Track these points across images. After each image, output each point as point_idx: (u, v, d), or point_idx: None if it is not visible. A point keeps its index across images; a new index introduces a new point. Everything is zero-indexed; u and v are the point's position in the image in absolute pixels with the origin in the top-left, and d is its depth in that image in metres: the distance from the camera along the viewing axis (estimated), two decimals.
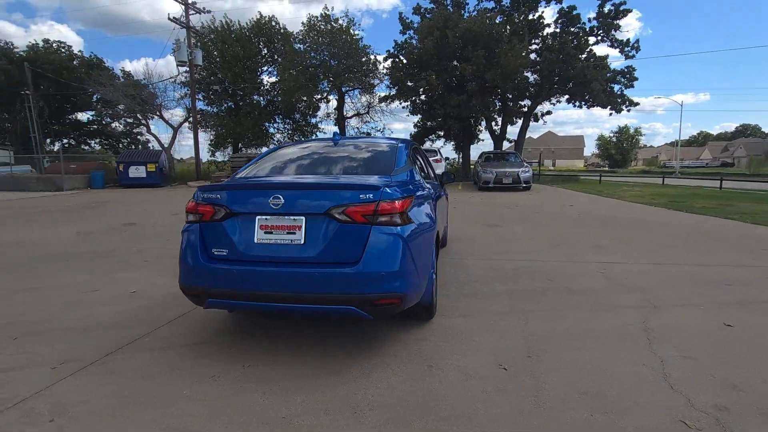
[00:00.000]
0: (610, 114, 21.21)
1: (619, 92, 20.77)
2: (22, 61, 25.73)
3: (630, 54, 20.59)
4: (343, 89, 24.50)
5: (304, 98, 24.25)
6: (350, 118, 26.00)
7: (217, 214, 2.53)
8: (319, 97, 25.06)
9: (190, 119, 24.71)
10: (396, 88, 20.97)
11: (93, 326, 3.16)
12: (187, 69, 23.25)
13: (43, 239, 6.78)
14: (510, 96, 20.11)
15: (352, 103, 26.02)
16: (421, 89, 19.49)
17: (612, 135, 70.12)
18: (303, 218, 2.43)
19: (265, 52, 27.41)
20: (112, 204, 12.73)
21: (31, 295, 3.95)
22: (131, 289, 4.06)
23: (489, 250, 5.66)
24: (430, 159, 15.39)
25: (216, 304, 2.55)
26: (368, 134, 25.20)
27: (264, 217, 2.47)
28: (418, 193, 2.93)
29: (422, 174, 3.95)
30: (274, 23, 26.53)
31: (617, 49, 20.88)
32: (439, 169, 15.34)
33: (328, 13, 23.04)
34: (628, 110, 21.04)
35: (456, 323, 3.14)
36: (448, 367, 2.47)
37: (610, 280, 4.20)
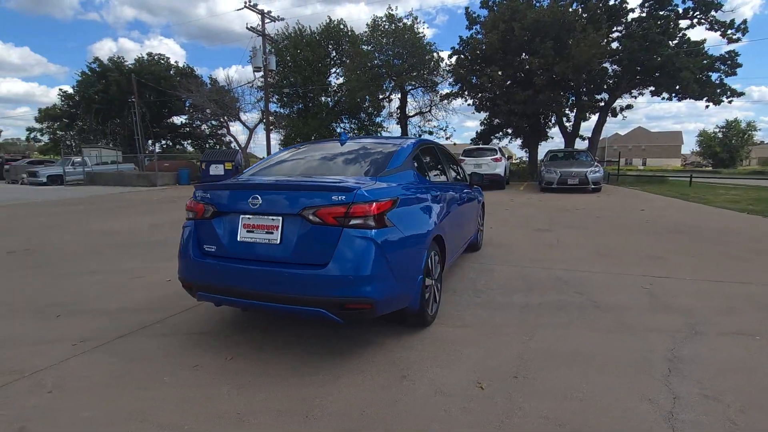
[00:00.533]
0: (707, 106, 18.60)
1: (717, 81, 18.15)
2: (130, 73, 29.49)
3: (734, 37, 17.87)
4: (406, 88, 24.51)
5: (369, 98, 24.73)
6: (413, 116, 25.96)
7: (207, 212, 2.68)
8: (382, 96, 25.38)
9: (264, 120, 26.49)
10: (459, 85, 20.46)
11: (123, 309, 3.51)
12: (263, 74, 24.97)
13: (123, 229, 7.71)
14: (584, 89, 18.58)
15: (415, 101, 25.94)
16: (485, 86, 18.79)
17: (717, 130, 61.43)
18: (280, 218, 2.47)
19: (334, 54, 28.42)
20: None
21: (89, 278, 4.51)
22: (168, 277, 4.45)
23: (525, 256, 5.29)
24: (488, 158, 14.99)
25: (204, 297, 2.70)
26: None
27: (247, 216, 2.56)
28: (409, 196, 2.82)
29: (435, 175, 3.80)
30: (342, 26, 27.39)
31: (718, 32, 18.25)
32: (499, 168, 14.72)
33: (392, 12, 23.20)
34: (730, 101, 18.27)
35: (452, 333, 2.98)
36: (422, 380, 2.35)
37: (653, 298, 3.69)
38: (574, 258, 5.17)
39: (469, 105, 22.23)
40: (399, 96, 25.38)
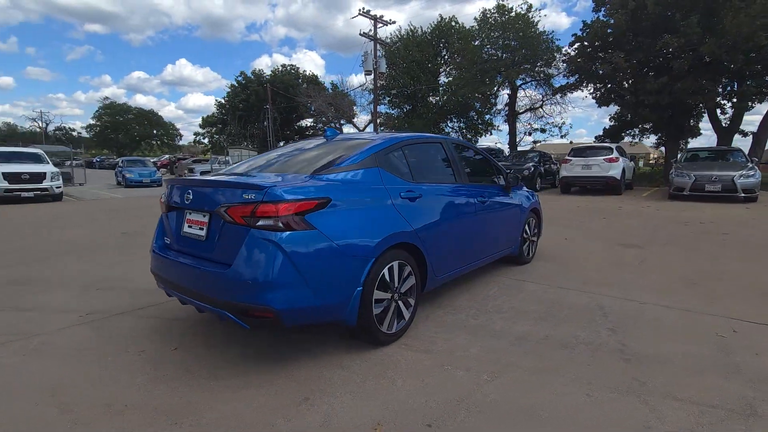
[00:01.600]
0: None
1: None
2: (265, 83, 33.79)
3: None
4: (517, 82, 22.78)
5: (478, 95, 23.72)
6: (522, 113, 24.00)
7: (165, 207, 2.80)
8: (490, 92, 24.07)
9: (377, 121, 27.56)
10: (576, 76, 18.16)
11: (140, 289, 3.93)
12: (373, 77, 25.99)
13: None
14: (748, 72, 14.64)
15: (526, 97, 23.94)
16: (608, 75, 16.30)
17: None
18: (208, 215, 2.44)
19: (444, 53, 28.04)
20: None
21: (142, 261, 5.20)
22: None
23: (581, 276, 4.36)
24: (601, 158, 12.93)
25: (163, 288, 2.83)
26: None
27: (189, 211, 2.59)
28: (354, 197, 2.52)
29: (431, 175, 3.34)
30: (453, 23, 26.81)
31: None
32: (613, 170, 12.75)
33: (503, 3, 21.78)
34: None
35: (405, 358, 2.57)
36: (320, 408, 2.06)
37: (721, 352, 2.65)
38: (648, 284, 4.06)
39: (590, 98, 19.57)
40: (509, 92, 23.75)
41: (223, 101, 37.34)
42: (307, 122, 41.00)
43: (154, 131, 71.81)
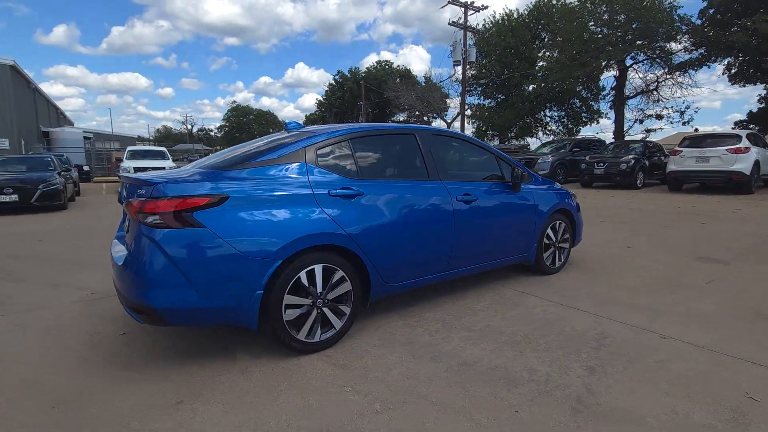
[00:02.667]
0: None
1: None
2: (360, 80, 34.94)
3: None
4: (627, 62, 19.70)
5: (581, 78, 21.21)
6: (632, 97, 20.67)
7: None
8: (595, 75, 21.27)
9: (465, 113, 26.56)
10: (702, 50, 15.02)
11: None
12: (462, 67, 25.00)
13: None
14: None
15: (638, 77, 20.56)
16: (747, 44, 13.16)
17: None
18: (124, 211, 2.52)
19: (543, 36, 25.65)
20: None
21: None
22: None
23: (607, 294, 3.55)
24: (722, 149, 10.46)
25: None
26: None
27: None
28: (261, 194, 2.35)
29: (389, 170, 3.01)
30: (554, 1, 24.33)
31: None
32: (739, 164, 10.39)
33: None
34: None
35: (315, 370, 2.34)
36: (183, 414, 1.97)
37: (737, 425, 1.87)
38: (694, 312, 3.12)
39: (718, 77, 16.05)
40: (615, 74, 20.71)
41: (322, 99, 39.78)
42: (401, 117, 41.40)
43: (270, 130, 79.93)
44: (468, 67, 24.99)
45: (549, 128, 28.21)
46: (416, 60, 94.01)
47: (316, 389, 2.17)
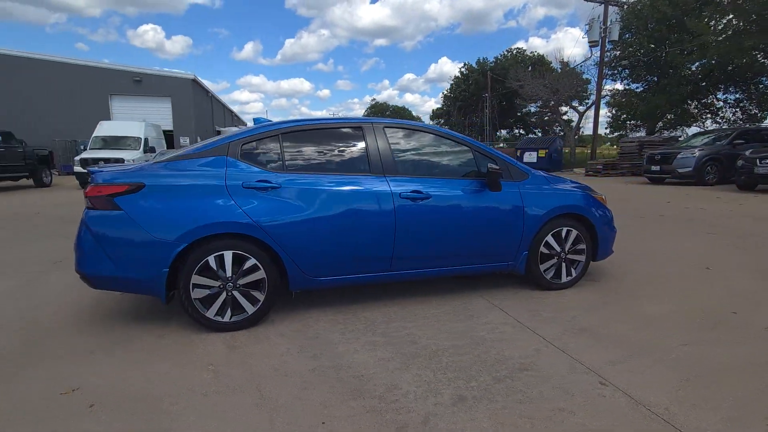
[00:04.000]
0: None
1: None
2: (486, 71, 33.51)
3: None
4: None
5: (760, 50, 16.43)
6: None
7: None
8: None
9: (600, 101, 23.18)
10: None
11: None
12: (600, 49, 21.79)
13: None
14: None
15: None
16: None
17: None
18: None
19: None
20: None
21: None
22: None
23: (599, 322, 2.88)
24: None
25: None
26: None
27: None
28: (175, 182, 2.65)
29: (300, 166, 2.94)
30: None
31: None
32: None
33: None
34: None
35: (199, 347, 2.56)
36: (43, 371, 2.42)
37: None
38: (701, 359, 2.32)
39: None
40: None
41: (448, 93, 39.42)
42: (533, 108, 38.32)
43: None
44: (612, 47, 21.73)
45: (722, 115, 22.64)
46: (571, 44, 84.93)
47: (189, 361, 2.38)
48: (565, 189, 3.54)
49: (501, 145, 32.06)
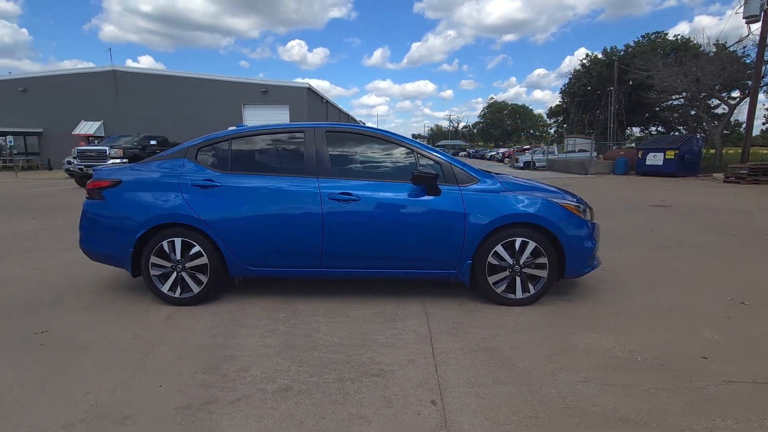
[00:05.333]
0: None
1: None
2: (613, 62, 29.54)
3: None
4: None
5: None
6: None
7: None
8: None
9: (758, 89, 18.56)
10: None
11: None
12: (762, 24, 17.46)
13: None
14: None
15: None
16: None
17: None
18: None
19: None
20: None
21: None
22: None
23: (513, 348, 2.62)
24: None
25: None
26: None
27: None
28: (143, 179, 3.27)
29: (243, 167, 3.30)
30: None
31: None
32: None
33: None
34: None
35: (146, 310, 3.12)
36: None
37: None
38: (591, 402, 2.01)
39: None
40: None
41: (566, 88, 35.74)
42: (674, 101, 32.43)
43: (524, 124, 78.09)
44: None
45: None
46: (714, 22, 69.11)
47: (130, 323, 2.95)
48: (523, 195, 3.21)
49: (633, 145, 27.93)
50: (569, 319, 3.00)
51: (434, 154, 3.32)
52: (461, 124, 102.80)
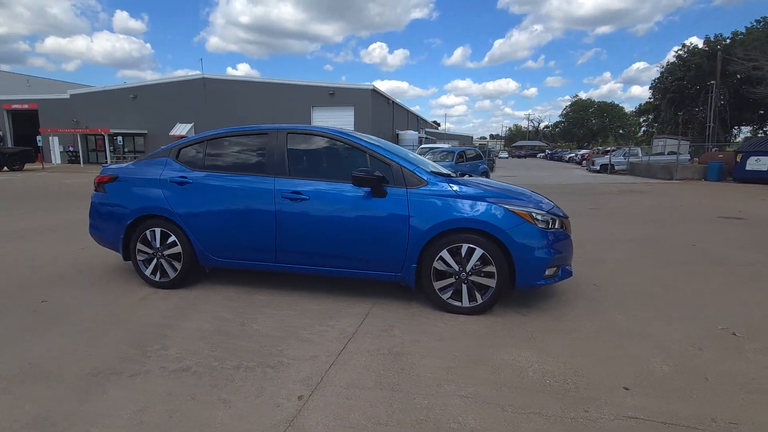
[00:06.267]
0: None
1: None
2: (716, 53, 25.82)
3: None
4: None
5: None
6: None
7: None
8: None
9: None
10: None
11: None
12: None
13: None
14: None
15: None
16: None
17: None
18: None
19: None
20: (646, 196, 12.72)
21: None
22: None
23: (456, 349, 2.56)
24: None
25: None
26: None
27: None
28: (132, 176, 3.73)
29: (215, 166, 3.60)
30: None
31: None
32: None
33: None
34: None
35: (125, 290, 3.54)
36: None
37: None
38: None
39: None
40: None
41: (658, 84, 31.83)
42: None
43: (612, 124, 71.53)
44: None
45: None
46: None
47: (108, 302, 3.38)
48: (475, 201, 3.07)
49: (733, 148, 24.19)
50: (507, 333, 2.81)
51: (385, 155, 3.31)
52: (543, 124, 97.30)
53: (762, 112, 28.60)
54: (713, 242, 5.65)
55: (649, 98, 34.07)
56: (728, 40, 27.40)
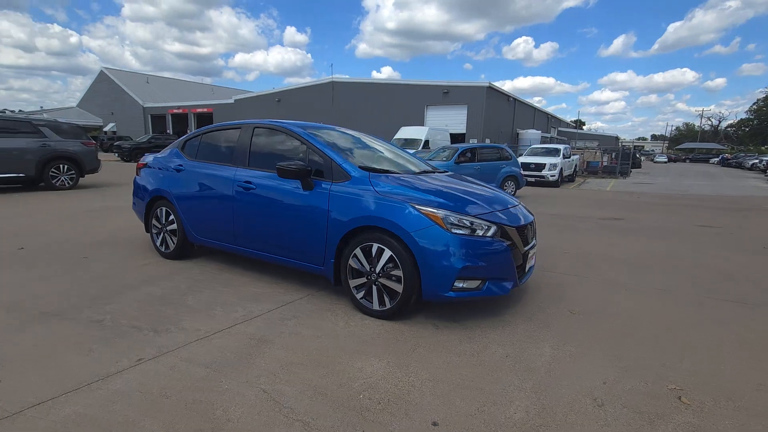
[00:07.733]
0: None
1: None
2: None
3: None
4: None
5: None
6: None
7: None
8: None
9: None
10: None
11: None
12: None
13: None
14: None
15: None
16: None
17: None
18: None
19: None
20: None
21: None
22: None
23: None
24: None
25: None
26: None
27: None
28: (154, 165, 4.48)
29: (203, 156, 4.08)
30: None
31: None
32: None
33: None
34: None
35: (136, 259, 4.31)
36: None
37: None
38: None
39: None
40: None
41: None
42: None
43: None
44: None
45: None
46: None
47: (119, 262, 4.18)
48: (391, 198, 2.87)
49: None
50: (393, 341, 2.58)
51: (321, 148, 3.32)
52: (725, 123, 79.21)
53: None
54: None
55: None
56: None
